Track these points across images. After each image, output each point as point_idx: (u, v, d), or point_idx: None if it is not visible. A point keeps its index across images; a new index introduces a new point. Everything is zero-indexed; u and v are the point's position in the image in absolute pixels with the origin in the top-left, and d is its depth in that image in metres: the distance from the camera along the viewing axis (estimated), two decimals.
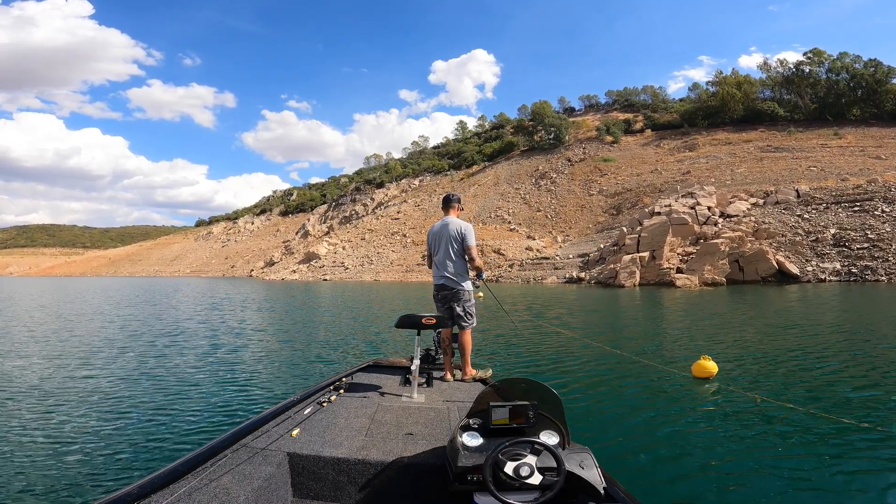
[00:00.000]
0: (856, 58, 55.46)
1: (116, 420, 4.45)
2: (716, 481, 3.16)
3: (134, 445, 3.80)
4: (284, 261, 65.67)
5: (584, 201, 50.57)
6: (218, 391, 5.46)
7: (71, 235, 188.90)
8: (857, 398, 4.79)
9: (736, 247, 23.40)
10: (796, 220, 26.01)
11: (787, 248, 24.00)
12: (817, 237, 24.21)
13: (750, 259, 22.76)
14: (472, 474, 1.83)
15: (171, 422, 4.35)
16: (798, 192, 28.45)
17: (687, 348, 7.72)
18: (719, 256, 22.91)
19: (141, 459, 3.51)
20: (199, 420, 4.40)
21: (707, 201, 29.44)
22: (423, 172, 75.66)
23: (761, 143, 48.91)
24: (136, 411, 4.70)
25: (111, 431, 4.14)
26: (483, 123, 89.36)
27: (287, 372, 6.51)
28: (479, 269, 3.91)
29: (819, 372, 5.90)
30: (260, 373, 6.48)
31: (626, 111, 72.19)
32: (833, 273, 21.74)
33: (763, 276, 22.40)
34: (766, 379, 5.60)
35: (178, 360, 7.41)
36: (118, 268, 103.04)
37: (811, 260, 23.04)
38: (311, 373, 6.38)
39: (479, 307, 4.12)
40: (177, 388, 5.63)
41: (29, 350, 8.51)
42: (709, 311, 13.54)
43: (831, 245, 23.49)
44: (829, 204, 26.41)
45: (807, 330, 9.44)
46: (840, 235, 23.67)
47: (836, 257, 22.71)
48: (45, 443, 3.89)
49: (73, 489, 3.08)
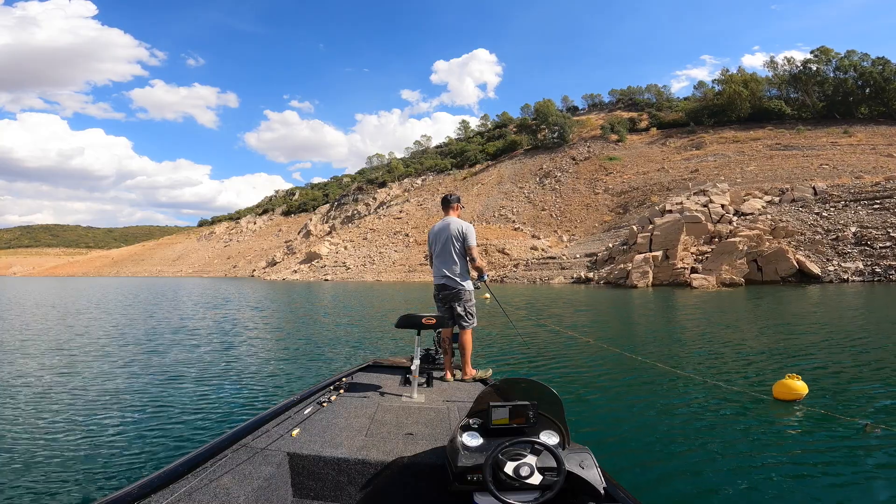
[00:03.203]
0: (863, 56, 54.92)
1: (116, 420, 4.43)
2: (722, 479, 3.09)
3: (134, 445, 3.78)
4: (286, 261, 64.98)
5: (590, 200, 49.85)
6: (218, 391, 5.44)
7: (74, 235, 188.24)
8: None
9: (754, 246, 22.64)
10: (815, 218, 25.24)
11: (806, 246, 23.23)
12: (837, 235, 23.44)
13: (769, 258, 21.99)
14: (472, 474, 1.82)
15: (171, 422, 4.33)
16: (815, 190, 27.67)
17: (751, 360, 6.95)
18: (737, 256, 22.15)
19: (141, 459, 3.48)
20: (199, 420, 4.37)
21: (720, 199, 28.67)
22: (426, 172, 74.93)
23: (770, 141, 48.21)
24: (136, 411, 4.68)
25: (111, 431, 4.13)
26: (486, 123, 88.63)
27: (287, 372, 6.46)
28: (481, 269, 3.88)
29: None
30: (260, 373, 6.43)
31: (630, 110, 71.50)
32: (856, 273, 20.98)
33: (783, 277, 21.62)
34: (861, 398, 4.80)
35: (178, 360, 7.37)
36: (121, 268, 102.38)
37: (832, 259, 22.26)
38: (311, 373, 6.35)
39: (486, 308, 3.68)
40: (177, 387, 5.61)
41: (28, 350, 8.46)
42: (747, 314, 12.77)
43: (853, 244, 22.71)
44: (848, 202, 25.63)
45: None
46: (861, 234, 22.90)
47: (858, 256, 21.93)
48: (46, 443, 3.87)
49: (73, 489, 3.06)
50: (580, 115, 76.29)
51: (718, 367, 6.29)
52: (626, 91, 79.11)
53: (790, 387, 4.46)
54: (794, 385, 4.47)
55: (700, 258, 24.52)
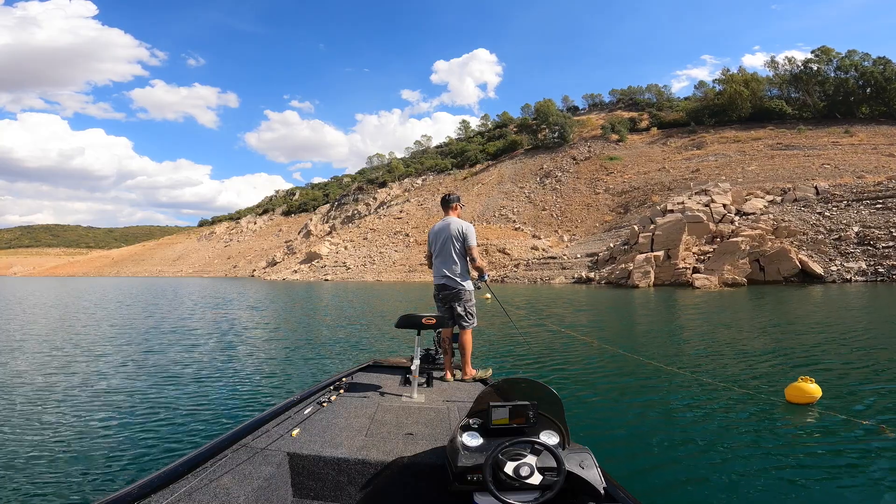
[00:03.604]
0: (864, 56, 54.84)
1: (116, 420, 4.41)
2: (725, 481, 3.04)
3: (134, 445, 3.76)
4: (286, 261, 64.87)
5: (591, 200, 49.75)
6: (218, 391, 5.41)
7: (75, 235, 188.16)
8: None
9: (756, 245, 22.55)
10: (817, 217, 25.15)
11: (808, 246, 23.14)
12: (840, 235, 23.36)
13: (772, 258, 21.90)
14: (472, 474, 1.81)
15: (171, 421, 4.31)
16: (817, 190, 27.58)
17: (766, 361, 6.87)
18: (739, 255, 22.07)
19: (141, 459, 3.47)
20: (199, 420, 4.36)
21: (722, 199, 28.57)
22: (426, 172, 74.83)
23: (771, 140, 48.10)
24: (136, 411, 4.66)
25: (111, 431, 4.10)
26: (486, 123, 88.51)
27: (287, 372, 6.44)
28: (481, 269, 3.87)
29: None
30: (260, 373, 6.41)
31: (630, 110, 71.37)
32: (859, 273, 20.89)
33: (785, 277, 21.53)
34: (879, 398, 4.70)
35: (178, 360, 7.32)
36: (121, 268, 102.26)
37: (835, 259, 22.17)
38: (311, 373, 6.33)
39: (486, 308, 3.62)
40: (177, 388, 5.58)
41: (28, 350, 8.44)
42: (751, 315, 12.66)
43: (855, 244, 22.62)
44: (851, 201, 25.54)
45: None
46: (864, 234, 22.80)
47: (860, 256, 21.85)
48: (46, 443, 3.85)
49: (73, 489, 3.04)
50: (580, 114, 76.18)
51: (725, 368, 6.19)
52: (626, 91, 78.99)
53: (804, 390, 4.36)
54: (808, 388, 4.37)
55: (702, 258, 24.43)
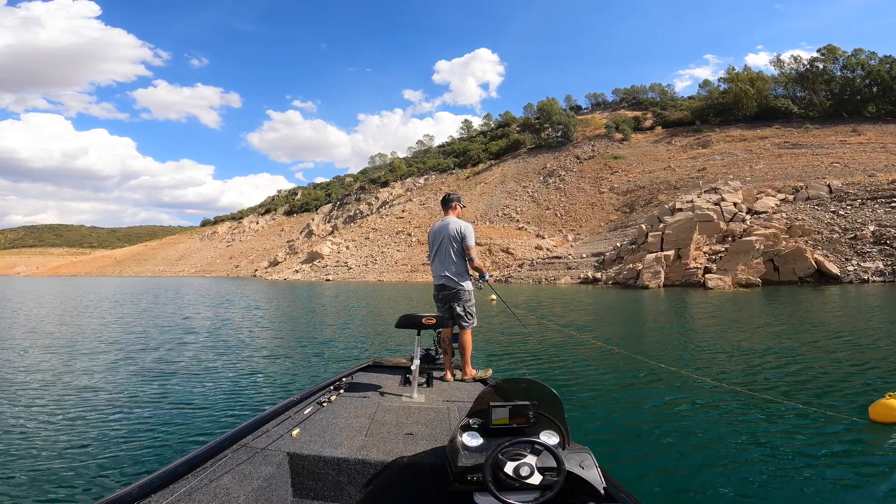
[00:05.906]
0: (871, 54, 54.34)
1: (116, 420, 4.40)
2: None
3: (134, 445, 3.74)
4: (288, 261, 64.44)
5: (595, 199, 49.24)
6: (218, 391, 5.40)
7: (78, 235, 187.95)
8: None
9: (771, 245, 22.03)
10: (831, 216, 24.62)
11: (824, 246, 22.61)
12: (855, 234, 22.82)
13: (786, 258, 21.38)
14: (472, 474, 1.81)
15: (170, 421, 4.30)
16: (830, 188, 27.05)
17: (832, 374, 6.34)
18: (753, 255, 21.55)
19: (141, 459, 3.46)
20: (199, 420, 4.35)
21: (733, 197, 28.04)
22: (428, 171, 74.35)
23: (778, 139, 47.60)
24: (136, 411, 4.65)
25: (111, 431, 4.09)
26: (488, 122, 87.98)
27: (287, 372, 6.43)
28: (480, 269, 3.85)
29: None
30: (260, 373, 6.40)
31: (634, 109, 70.79)
32: (876, 273, 20.37)
33: (801, 277, 21.01)
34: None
35: (178, 359, 7.28)
36: (124, 267, 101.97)
37: (851, 259, 21.65)
38: (311, 373, 6.32)
39: (487, 308, 3.29)
40: (176, 388, 5.57)
41: (29, 349, 8.41)
42: (778, 317, 11.92)
43: (871, 243, 22.10)
44: (865, 200, 25.01)
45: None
46: (880, 233, 22.29)
47: (877, 256, 21.32)
48: (46, 443, 3.83)
49: (73, 489, 3.03)
50: (584, 114, 75.69)
51: (765, 377, 5.70)
52: (629, 90, 78.45)
53: (892, 408, 3.83)
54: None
55: (713, 258, 23.91)
